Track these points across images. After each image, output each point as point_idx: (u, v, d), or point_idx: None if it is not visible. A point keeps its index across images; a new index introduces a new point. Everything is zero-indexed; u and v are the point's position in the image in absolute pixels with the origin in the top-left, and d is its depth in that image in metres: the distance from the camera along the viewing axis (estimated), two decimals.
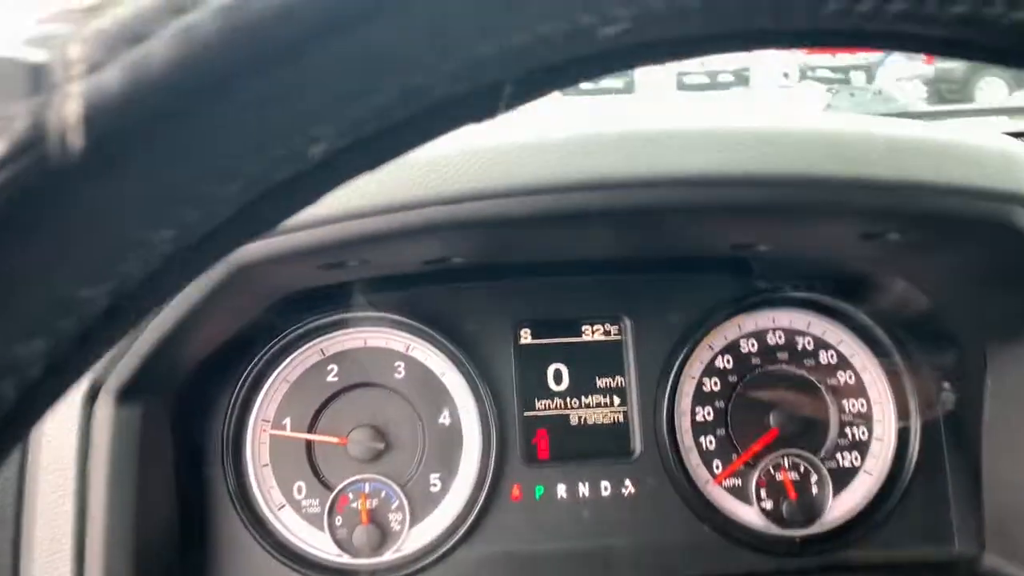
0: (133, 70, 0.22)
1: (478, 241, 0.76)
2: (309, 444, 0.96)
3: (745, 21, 0.26)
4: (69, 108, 0.22)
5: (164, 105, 0.23)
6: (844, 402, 1.00)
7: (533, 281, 0.99)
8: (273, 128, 0.23)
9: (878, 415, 1.00)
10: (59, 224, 0.23)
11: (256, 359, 0.94)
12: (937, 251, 0.78)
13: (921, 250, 0.79)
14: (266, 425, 0.95)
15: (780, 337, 1.00)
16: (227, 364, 0.93)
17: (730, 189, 0.63)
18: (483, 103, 0.27)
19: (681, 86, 9.45)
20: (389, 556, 0.94)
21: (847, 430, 0.99)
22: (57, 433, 0.78)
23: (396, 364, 0.98)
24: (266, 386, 0.95)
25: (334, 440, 0.96)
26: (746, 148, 0.63)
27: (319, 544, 0.94)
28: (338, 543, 0.94)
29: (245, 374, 0.94)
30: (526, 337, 1.00)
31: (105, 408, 0.77)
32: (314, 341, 0.96)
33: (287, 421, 0.96)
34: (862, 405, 1.00)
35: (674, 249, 0.88)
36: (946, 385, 0.97)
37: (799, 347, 1.00)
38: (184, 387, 0.87)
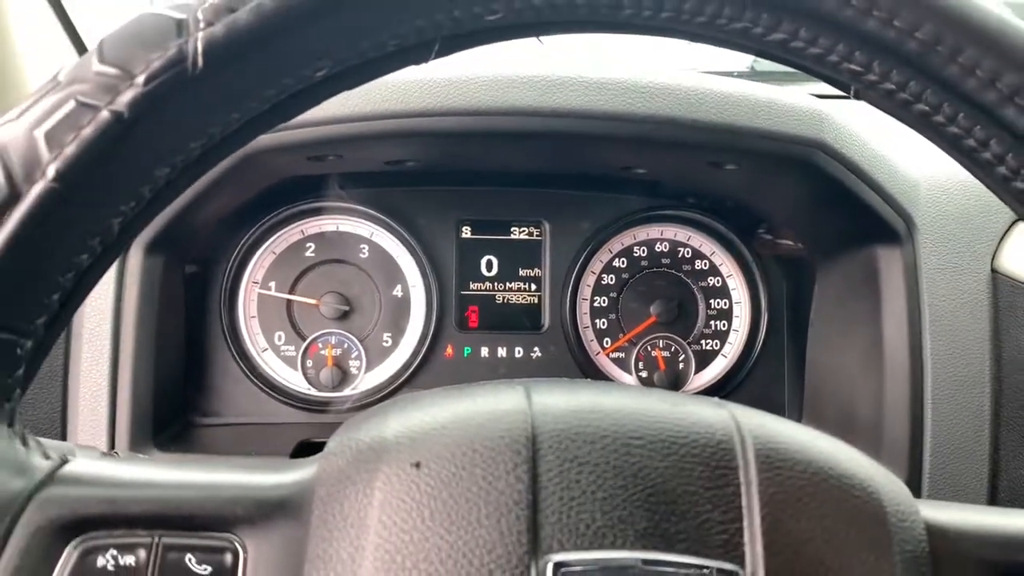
0: (229, 27, 0.47)
1: (425, 148, 1.02)
2: (289, 303, 1.22)
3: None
4: (196, 45, 0.47)
5: (241, 48, 0.47)
6: (711, 300, 1.27)
7: (474, 189, 1.25)
8: (296, 61, 0.48)
9: (737, 312, 1.27)
10: (185, 104, 0.48)
11: (250, 232, 1.20)
12: (770, 181, 1.05)
13: (758, 180, 1.06)
14: (255, 286, 1.21)
15: (665, 246, 1.27)
16: (228, 234, 1.18)
17: (599, 122, 0.89)
18: (420, 54, 0.45)
19: None
20: (347, 392, 1.21)
21: (711, 322, 1.27)
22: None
23: (361, 246, 1.23)
24: (257, 255, 1.21)
25: (310, 301, 1.22)
26: (615, 93, 0.89)
27: (293, 380, 1.21)
28: (308, 380, 1.21)
29: (241, 243, 1.19)
30: (466, 233, 1.26)
31: (135, 258, 1.02)
32: (297, 223, 1.22)
33: (272, 283, 1.22)
34: (724, 303, 1.27)
35: (577, 166, 1.14)
36: (788, 290, 1.25)
37: (679, 255, 1.27)
38: (195, 248, 1.13)
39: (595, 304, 1.26)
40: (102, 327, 1.00)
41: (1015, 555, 0.49)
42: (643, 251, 1.27)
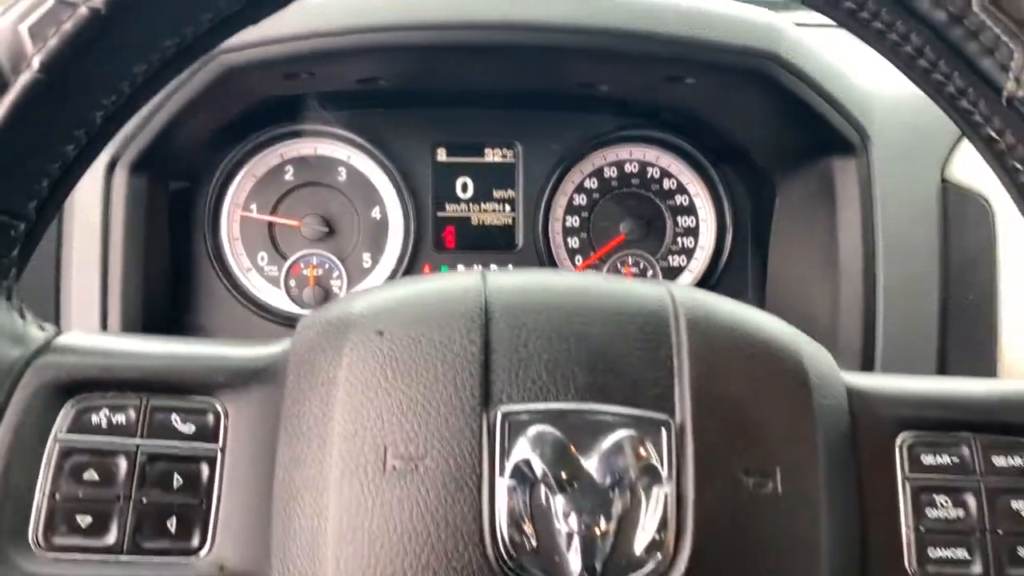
0: None
1: (393, 65, 1.05)
2: (271, 225, 1.26)
3: None
4: None
5: None
6: (678, 218, 1.32)
7: (448, 111, 1.28)
8: None
9: (703, 229, 1.32)
10: (158, 2, 0.51)
11: (230, 156, 1.23)
12: (728, 95, 1.09)
13: (718, 94, 1.09)
14: (237, 208, 1.25)
15: (634, 166, 1.31)
16: (210, 156, 1.22)
17: (557, 35, 0.93)
18: None
19: None
20: None
21: (678, 239, 1.32)
22: (84, 199, 1.06)
23: (339, 169, 1.27)
24: (237, 178, 1.24)
25: (291, 223, 1.26)
26: (574, 5, 0.93)
27: (277, 299, 1.26)
28: (292, 298, 1.25)
29: (222, 167, 1.23)
30: (442, 155, 1.30)
31: (121, 178, 1.06)
32: (275, 146, 1.25)
33: (254, 206, 1.25)
34: (691, 221, 1.32)
35: (543, 82, 1.17)
36: (752, 206, 1.29)
37: (648, 175, 1.31)
38: (179, 169, 1.16)
39: (567, 224, 1.31)
40: (91, 247, 1.05)
41: (923, 411, 0.55)
42: (613, 172, 1.31)
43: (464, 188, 1.30)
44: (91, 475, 0.47)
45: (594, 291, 0.54)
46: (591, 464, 0.47)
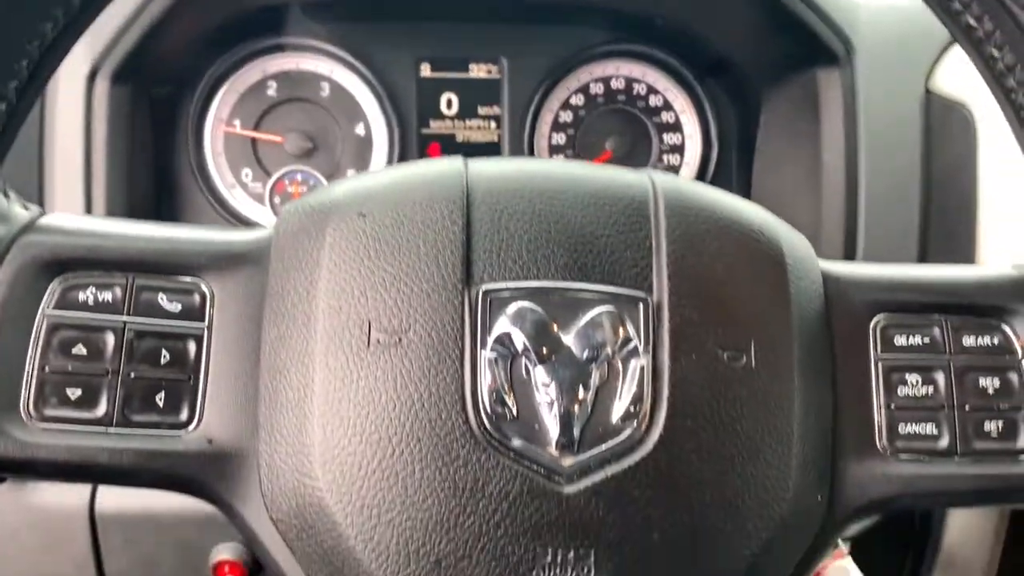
0: None
1: None
2: (254, 141, 1.25)
3: None
4: None
5: None
6: (664, 135, 1.31)
7: (433, 24, 1.26)
8: None
9: (689, 147, 1.32)
10: None
11: (211, 71, 1.21)
12: (715, 3, 1.08)
13: (704, 1, 1.09)
14: (220, 124, 1.24)
15: (621, 83, 1.30)
16: (192, 69, 1.20)
17: None
18: None
19: None
20: None
21: (664, 156, 1.32)
22: (65, 108, 1.05)
23: (322, 84, 1.26)
24: (220, 94, 1.23)
25: (275, 139, 1.25)
26: None
27: (261, 216, 1.26)
28: (276, 215, 1.25)
29: (204, 82, 1.21)
30: (425, 71, 1.28)
31: (102, 87, 1.04)
32: (256, 61, 1.23)
33: (237, 122, 1.24)
34: (677, 139, 1.32)
35: None
36: (737, 123, 1.29)
37: (635, 92, 1.31)
38: (161, 82, 1.15)
39: (553, 141, 1.30)
40: (73, 159, 1.04)
41: (897, 294, 0.56)
42: (600, 88, 1.30)
43: (448, 104, 1.29)
44: (79, 349, 0.48)
45: (575, 176, 0.55)
46: (570, 338, 0.48)
